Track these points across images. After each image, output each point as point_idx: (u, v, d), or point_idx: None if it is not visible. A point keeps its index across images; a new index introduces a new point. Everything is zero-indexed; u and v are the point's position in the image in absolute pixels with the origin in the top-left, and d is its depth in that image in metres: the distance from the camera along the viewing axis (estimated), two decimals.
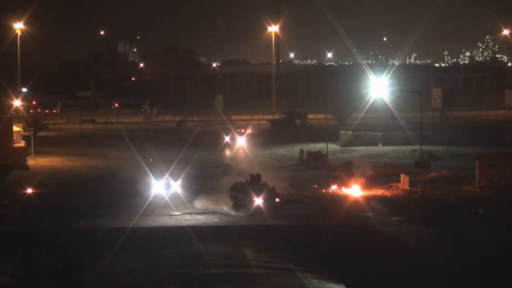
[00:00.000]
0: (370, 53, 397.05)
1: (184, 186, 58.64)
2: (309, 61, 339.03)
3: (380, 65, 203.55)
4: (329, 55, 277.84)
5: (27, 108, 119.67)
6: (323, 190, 61.48)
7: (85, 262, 21.75)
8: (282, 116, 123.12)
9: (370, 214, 51.66)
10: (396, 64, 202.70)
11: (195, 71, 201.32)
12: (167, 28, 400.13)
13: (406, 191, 59.96)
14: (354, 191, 58.33)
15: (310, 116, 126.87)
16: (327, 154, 78.97)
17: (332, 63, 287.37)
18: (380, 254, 24.32)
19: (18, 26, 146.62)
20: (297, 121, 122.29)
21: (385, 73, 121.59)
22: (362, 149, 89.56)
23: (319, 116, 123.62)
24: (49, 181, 67.46)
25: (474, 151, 74.95)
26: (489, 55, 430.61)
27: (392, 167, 70.76)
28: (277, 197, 51.92)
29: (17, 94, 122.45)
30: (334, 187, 62.15)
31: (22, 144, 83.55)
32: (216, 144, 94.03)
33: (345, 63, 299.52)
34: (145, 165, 65.15)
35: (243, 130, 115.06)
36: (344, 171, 67.14)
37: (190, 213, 50.78)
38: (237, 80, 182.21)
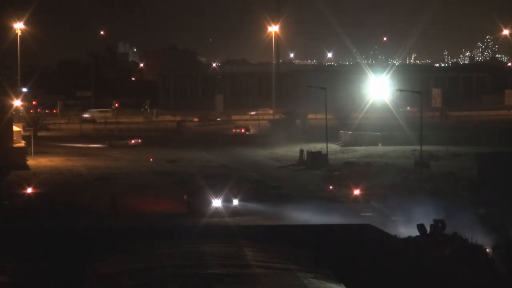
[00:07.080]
0: (370, 53, 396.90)
1: None
2: (309, 61, 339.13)
3: (380, 65, 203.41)
4: (329, 55, 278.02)
5: (27, 108, 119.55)
6: (323, 190, 61.47)
7: (84, 262, 21.73)
8: (282, 116, 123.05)
9: (370, 214, 51.69)
10: (396, 64, 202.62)
11: (195, 71, 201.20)
12: (167, 28, 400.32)
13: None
14: (354, 190, 58.36)
15: (310, 116, 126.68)
16: (327, 154, 78.99)
17: (332, 63, 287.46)
18: (380, 254, 24.31)
19: (18, 26, 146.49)
20: (297, 121, 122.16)
21: (385, 73, 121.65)
22: (362, 149, 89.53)
23: (319, 116, 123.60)
24: (49, 181, 67.47)
25: (474, 151, 74.95)
26: (489, 55, 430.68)
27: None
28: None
29: (17, 94, 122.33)
30: (333, 187, 62.15)
31: (22, 144, 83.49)
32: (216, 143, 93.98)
33: (345, 63, 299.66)
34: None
35: (243, 130, 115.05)
36: (344, 171, 67.17)
37: None
38: (237, 80, 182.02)
